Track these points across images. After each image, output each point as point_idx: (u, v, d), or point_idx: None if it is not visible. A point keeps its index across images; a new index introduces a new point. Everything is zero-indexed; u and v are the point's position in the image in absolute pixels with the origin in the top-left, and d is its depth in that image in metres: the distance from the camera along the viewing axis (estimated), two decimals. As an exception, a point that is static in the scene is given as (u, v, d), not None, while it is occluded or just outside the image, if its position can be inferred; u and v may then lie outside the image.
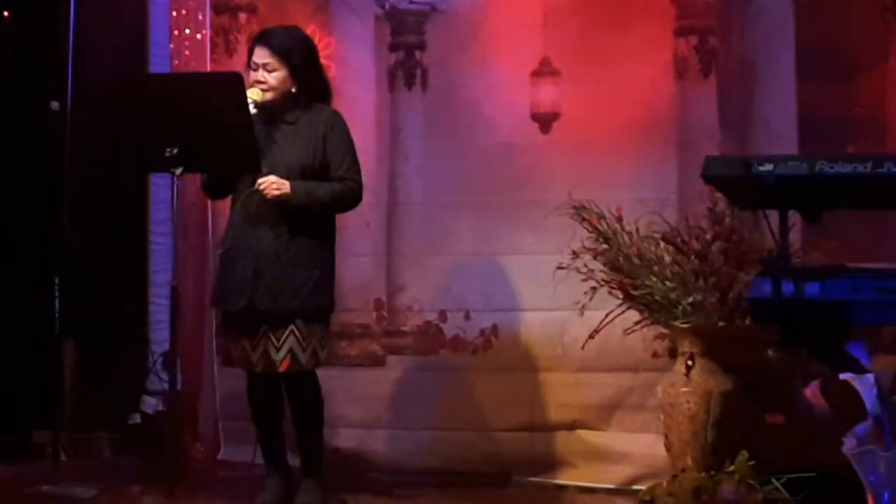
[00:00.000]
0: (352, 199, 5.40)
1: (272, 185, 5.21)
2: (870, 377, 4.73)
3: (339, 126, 5.40)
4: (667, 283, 5.42)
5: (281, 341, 5.29)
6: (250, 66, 5.37)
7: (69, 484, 5.86)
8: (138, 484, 5.81)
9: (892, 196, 4.00)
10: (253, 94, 5.27)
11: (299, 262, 5.29)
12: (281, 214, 5.27)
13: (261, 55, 5.33)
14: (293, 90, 5.35)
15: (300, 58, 5.35)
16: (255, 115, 5.26)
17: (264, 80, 5.32)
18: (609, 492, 5.94)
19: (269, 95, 5.32)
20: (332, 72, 6.20)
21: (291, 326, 5.28)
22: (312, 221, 5.33)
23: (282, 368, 5.29)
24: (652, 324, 5.60)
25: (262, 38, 5.39)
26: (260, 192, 5.23)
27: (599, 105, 6.15)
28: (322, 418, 5.52)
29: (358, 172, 5.40)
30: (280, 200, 5.23)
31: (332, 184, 5.32)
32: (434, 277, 6.37)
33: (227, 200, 5.51)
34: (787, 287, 3.92)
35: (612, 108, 6.12)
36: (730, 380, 5.45)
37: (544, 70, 6.27)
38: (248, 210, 5.32)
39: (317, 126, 5.36)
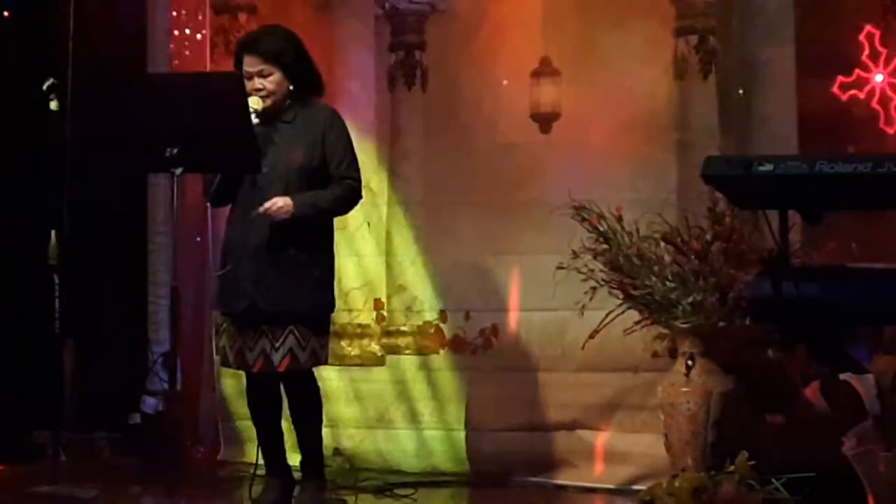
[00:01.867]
0: (352, 198, 5.40)
1: (280, 209, 5.19)
2: (870, 377, 4.74)
3: (337, 124, 5.40)
4: (667, 283, 5.41)
5: (280, 341, 5.28)
6: (241, 71, 5.35)
7: (69, 484, 5.85)
8: (138, 484, 5.82)
9: (892, 196, 4.00)
10: (253, 104, 5.25)
11: (300, 261, 5.28)
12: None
13: (251, 63, 5.32)
14: (290, 88, 5.36)
15: (291, 56, 5.35)
16: (258, 122, 5.25)
17: (262, 87, 5.31)
18: (609, 492, 5.94)
19: (268, 101, 5.31)
20: (333, 72, 6.21)
21: (291, 326, 5.27)
22: (311, 221, 5.33)
23: (281, 368, 5.29)
24: (652, 324, 5.59)
25: (249, 46, 5.37)
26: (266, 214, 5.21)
27: (599, 105, 6.15)
28: (322, 418, 5.52)
29: (357, 170, 5.40)
30: (284, 219, 5.22)
31: (331, 188, 5.32)
32: (434, 277, 6.37)
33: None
34: (787, 287, 3.92)
35: (612, 108, 6.12)
36: (730, 380, 5.45)
37: (544, 70, 6.27)
38: (248, 212, 5.32)
39: (315, 124, 5.36)
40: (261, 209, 5.19)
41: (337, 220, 5.51)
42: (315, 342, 5.33)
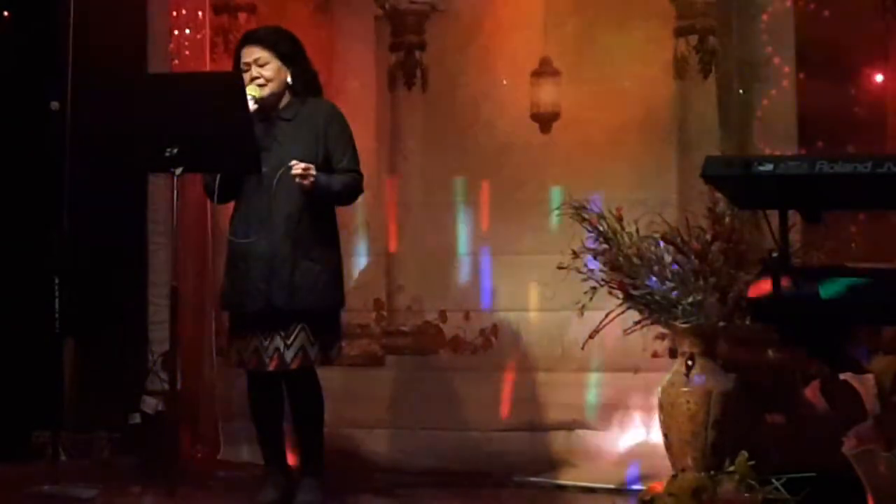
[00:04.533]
0: (356, 190, 5.43)
1: (308, 170, 5.16)
2: (870, 377, 4.74)
3: (338, 119, 5.42)
4: (667, 283, 5.42)
5: (291, 339, 5.28)
6: (240, 68, 5.37)
7: (69, 484, 5.85)
8: (138, 484, 5.81)
9: (892, 196, 4.00)
10: (252, 91, 5.28)
11: (312, 259, 5.30)
12: (288, 214, 5.27)
13: (249, 53, 5.36)
14: (288, 81, 5.37)
15: (287, 46, 5.38)
16: (256, 110, 5.26)
17: (259, 75, 5.34)
18: (609, 492, 5.94)
19: (266, 90, 5.33)
20: (332, 72, 6.21)
21: (302, 323, 5.28)
22: (319, 219, 5.34)
23: (294, 365, 5.29)
24: (652, 324, 5.60)
25: (247, 38, 5.44)
26: (290, 173, 5.19)
27: (599, 105, 6.15)
28: (322, 418, 5.52)
29: (359, 163, 5.42)
30: (306, 188, 5.21)
31: (341, 175, 5.33)
32: (434, 277, 6.37)
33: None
34: (787, 287, 3.92)
35: (612, 108, 6.13)
36: (730, 380, 5.46)
37: (544, 70, 6.27)
38: (255, 209, 5.32)
39: (316, 120, 5.37)
40: (292, 169, 5.16)
41: (337, 220, 5.51)
42: (325, 339, 5.34)
